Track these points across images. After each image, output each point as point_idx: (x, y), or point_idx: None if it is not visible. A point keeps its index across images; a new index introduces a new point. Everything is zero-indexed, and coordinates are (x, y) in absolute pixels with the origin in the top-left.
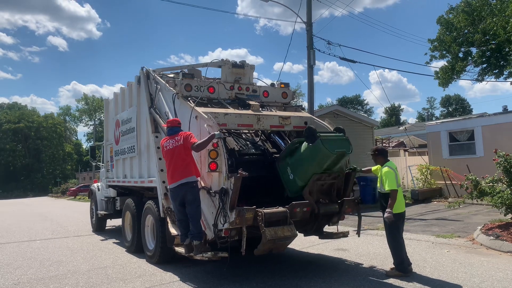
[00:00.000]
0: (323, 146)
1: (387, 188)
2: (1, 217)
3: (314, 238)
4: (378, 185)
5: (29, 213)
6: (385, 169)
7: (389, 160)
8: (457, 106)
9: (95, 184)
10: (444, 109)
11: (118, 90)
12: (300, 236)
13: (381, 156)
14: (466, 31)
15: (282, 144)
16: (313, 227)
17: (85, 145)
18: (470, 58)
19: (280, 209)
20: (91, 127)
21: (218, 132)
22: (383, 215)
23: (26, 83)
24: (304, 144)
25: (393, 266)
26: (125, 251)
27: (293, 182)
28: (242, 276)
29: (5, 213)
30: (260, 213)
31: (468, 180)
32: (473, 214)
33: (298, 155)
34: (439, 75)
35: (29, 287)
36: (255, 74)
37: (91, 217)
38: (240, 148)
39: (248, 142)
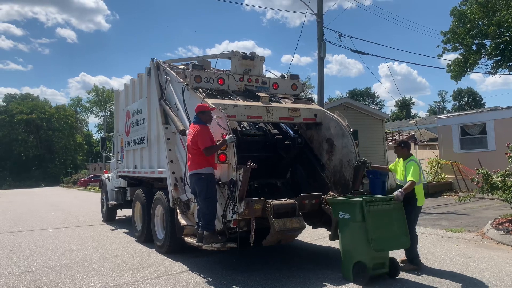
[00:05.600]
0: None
1: (409, 178)
2: (14, 206)
3: (322, 230)
4: (399, 177)
5: (41, 202)
6: (412, 163)
7: (412, 154)
8: (469, 100)
9: (106, 175)
10: (455, 102)
11: (128, 81)
12: (308, 228)
13: (406, 148)
14: (480, 23)
15: (287, 128)
16: (321, 219)
17: (96, 136)
18: (483, 50)
19: (289, 201)
20: (102, 118)
21: (229, 136)
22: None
23: (36, 74)
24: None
25: (403, 258)
26: (135, 240)
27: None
28: (251, 267)
29: (17, 203)
30: (268, 205)
31: (479, 174)
32: (484, 208)
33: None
34: (451, 68)
35: (41, 275)
36: (264, 66)
37: (102, 207)
38: (242, 129)
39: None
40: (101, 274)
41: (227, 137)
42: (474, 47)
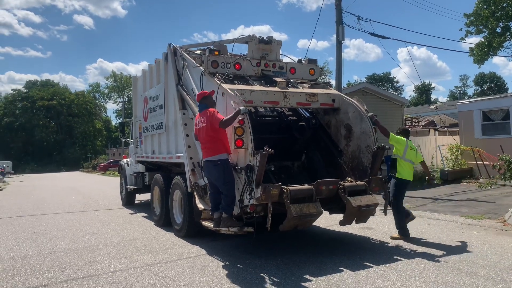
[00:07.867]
0: None
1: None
2: (37, 190)
3: (339, 216)
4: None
5: (62, 187)
6: (400, 137)
7: (410, 140)
8: (492, 85)
9: (125, 160)
10: (477, 87)
11: (145, 67)
12: (325, 214)
13: (402, 135)
14: (505, 4)
15: (302, 110)
16: (338, 205)
17: (114, 121)
18: (508, 33)
19: (306, 186)
20: (120, 104)
21: (244, 107)
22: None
23: (55, 61)
24: None
25: (395, 235)
26: (154, 224)
27: None
28: (267, 252)
29: (40, 187)
30: (285, 190)
31: (501, 160)
32: (505, 195)
33: None
34: (474, 52)
35: (64, 256)
36: (281, 50)
37: (121, 192)
38: (257, 110)
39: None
40: (121, 256)
41: (242, 108)
42: (498, 30)
